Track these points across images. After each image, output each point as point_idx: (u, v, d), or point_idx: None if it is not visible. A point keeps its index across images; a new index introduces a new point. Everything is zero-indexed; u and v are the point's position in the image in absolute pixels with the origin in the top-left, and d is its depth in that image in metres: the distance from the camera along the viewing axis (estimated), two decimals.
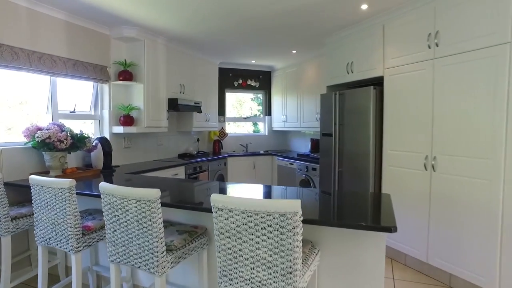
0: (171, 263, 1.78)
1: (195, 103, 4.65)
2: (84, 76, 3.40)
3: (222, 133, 5.95)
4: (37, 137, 2.72)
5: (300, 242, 1.36)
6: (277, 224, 1.34)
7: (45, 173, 2.90)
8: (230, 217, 1.43)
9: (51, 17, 3.07)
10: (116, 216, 1.77)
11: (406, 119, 3.02)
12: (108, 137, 3.75)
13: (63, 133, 2.82)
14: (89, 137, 3.03)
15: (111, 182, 2.02)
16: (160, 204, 1.70)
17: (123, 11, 3.18)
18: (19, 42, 2.82)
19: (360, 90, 3.46)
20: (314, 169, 4.45)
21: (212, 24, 3.61)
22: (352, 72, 3.69)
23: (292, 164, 4.96)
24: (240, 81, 6.02)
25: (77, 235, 2.01)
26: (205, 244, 2.09)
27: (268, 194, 2.25)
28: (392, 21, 3.15)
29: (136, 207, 1.70)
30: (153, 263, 1.71)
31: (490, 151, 2.33)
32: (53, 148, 2.81)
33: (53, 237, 2.08)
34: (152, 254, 1.70)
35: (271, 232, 1.36)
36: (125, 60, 3.74)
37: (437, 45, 2.70)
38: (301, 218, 1.36)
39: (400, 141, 3.09)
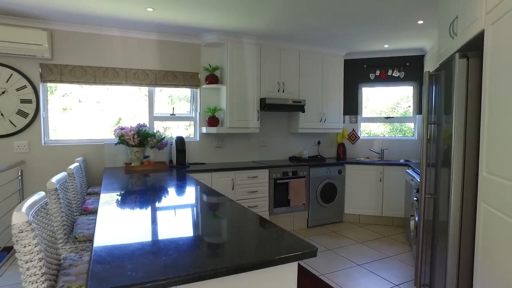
0: None
1: (293, 101, 4.24)
2: (172, 83, 3.96)
3: (353, 136, 5.04)
4: (117, 135, 3.48)
5: None
6: None
7: (130, 164, 3.65)
8: None
9: (143, 40, 3.80)
10: None
11: None
12: (198, 137, 4.16)
13: (131, 132, 3.44)
14: (154, 135, 3.52)
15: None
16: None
17: (198, 22, 3.50)
18: (119, 63, 3.70)
19: (446, 64, 2.01)
20: None
21: (302, 16, 3.23)
22: (456, 35, 2.18)
23: (412, 180, 3.50)
24: (378, 73, 4.85)
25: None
26: None
27: None
28: None
29: None
30: None
31: None
32: (128, 144, 3.50)
33: None
34: None
35: None
36: (209, 65, 4.00)
37: None
38: None
39: None
